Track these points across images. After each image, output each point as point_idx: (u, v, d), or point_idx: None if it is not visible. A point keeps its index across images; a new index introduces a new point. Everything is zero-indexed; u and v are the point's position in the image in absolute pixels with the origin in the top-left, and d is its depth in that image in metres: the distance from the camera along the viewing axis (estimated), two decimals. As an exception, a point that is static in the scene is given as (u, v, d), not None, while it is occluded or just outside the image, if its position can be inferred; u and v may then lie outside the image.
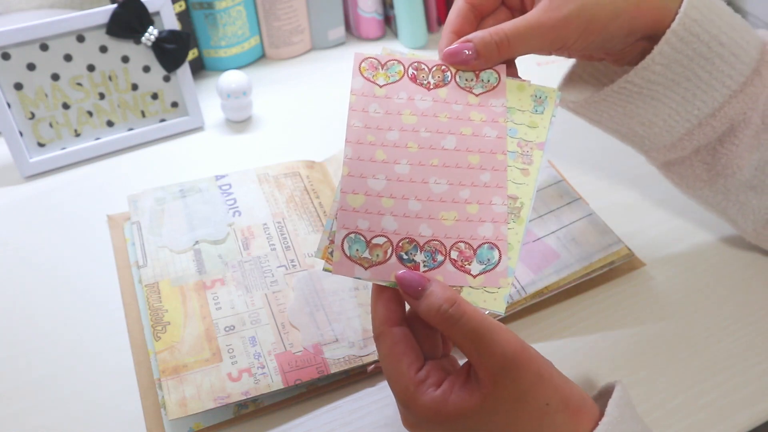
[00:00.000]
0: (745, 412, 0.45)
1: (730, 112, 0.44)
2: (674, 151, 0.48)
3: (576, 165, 0.65)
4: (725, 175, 0.47)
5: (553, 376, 0.34)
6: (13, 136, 0.64)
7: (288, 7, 0.81)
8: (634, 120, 0.47)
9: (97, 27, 0.65)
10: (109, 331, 0.51)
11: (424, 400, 0.34)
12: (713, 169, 0.47)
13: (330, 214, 0.37)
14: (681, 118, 0.45)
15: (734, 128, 0.45)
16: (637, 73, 0.43)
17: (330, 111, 0.73)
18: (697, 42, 0.42)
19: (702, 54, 0.42)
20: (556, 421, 0.34)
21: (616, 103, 0.46)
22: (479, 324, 0.33)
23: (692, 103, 0.44)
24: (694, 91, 0.44)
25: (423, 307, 0.35)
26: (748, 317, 0.51)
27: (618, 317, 0.51)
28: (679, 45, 0.41)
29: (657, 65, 0.42)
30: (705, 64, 0.43)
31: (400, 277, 0.35)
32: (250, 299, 0.50)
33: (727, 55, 0.43)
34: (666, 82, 0.43)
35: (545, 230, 0.53)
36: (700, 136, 0.46)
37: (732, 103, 0.44)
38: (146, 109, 0.70)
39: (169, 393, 0.44)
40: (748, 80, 0.44)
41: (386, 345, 0.36)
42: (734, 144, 0.46)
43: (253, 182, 0.60)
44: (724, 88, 0.44)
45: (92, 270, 0.56)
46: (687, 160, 0.48)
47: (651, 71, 0.43)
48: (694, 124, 0.45)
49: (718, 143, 0.46)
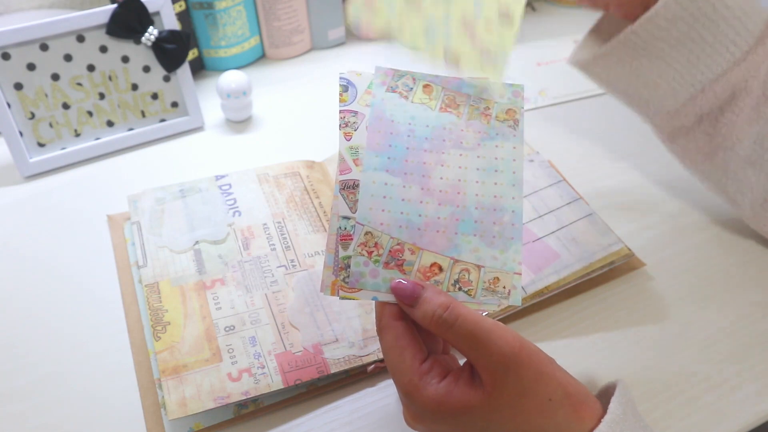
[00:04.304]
0: (745, 412, 0.45)
1: (732, 79, 0.45)
2: (678, 118, 0.48)
3: (576, 165, 0.65)
4: (725, 147, 0.48)
5: (555, 372, 0.35)
6: (13, 136, 0.64)
7: (288, 7, 0.81)
8: (639, 80, 0.48)
9: (97, 27, 0.65)
10: (109, 331, 0.51)
11: (428, 392, 0.34)
12: (714, 140, 0.48)
13: (329, 248, 0.37)
14: (685, 82, 0.46)
15: (735, 96, 0.46)
16: (641, 24, 0.44)
17: (330, 111, 0.73)
18: (703, 0, 0.42)
19: (707, 14, 0.43)
20: (559, 416, 0.34)
21: (623, 59, 0.47)
22: (475, 326, 0.34)
23: (696, 66, 0.45)
24: (698, 53, 0.44)
25: (419, 314, 0.35)
26: (748, 317, 0.51)
27: (618, 317, 0.51)
28: (684, 1, 0.42)
29: (661, 19, 0.43)
30: (710, 25, 0.43)
31: (394, 286, 0.36)
32: (250, 299, 0.50)
33: (732, 19, 0.43)
34: (670, 40, 0.44)
35: (545, 230, 0.53)
36: (703, 102, 0.46)
37: (734, 71, 0.45)
38: (146, 109, 0.70)
39: (169, 393, 0.44)
40: (752, 49, 0.44)
41: (390, 337, 0.36)
42: (735, 114, 0.46)
43: (253, 182, 0.60)
44: (728, 53, 0.44)
45: (92, 270, 0.56)
46: (690, 132, 0.49)
47: (655, 24, 0.43)
48: (697, 89, 0.46)
49: (719, 112, 0.47)
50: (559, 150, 0.66)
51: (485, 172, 0.39)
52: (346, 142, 0.39)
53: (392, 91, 0.40)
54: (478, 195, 0.39)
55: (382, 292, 0.37)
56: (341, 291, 0.37)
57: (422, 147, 0.39)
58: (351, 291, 0.37)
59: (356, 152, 0.38)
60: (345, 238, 0.37)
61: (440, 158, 0.39)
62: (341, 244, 0.37)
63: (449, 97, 0.41)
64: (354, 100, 0.40)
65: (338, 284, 0.37)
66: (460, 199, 0.38)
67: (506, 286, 0.38)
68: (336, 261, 0.37)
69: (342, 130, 0.39)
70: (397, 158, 0.38)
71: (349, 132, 0.39)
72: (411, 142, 0.39)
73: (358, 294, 0.37)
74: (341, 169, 0.38)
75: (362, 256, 0.37)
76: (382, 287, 0.37)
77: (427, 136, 0.39)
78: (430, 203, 0.38)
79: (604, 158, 0.66)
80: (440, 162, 0.39)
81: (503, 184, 0.39)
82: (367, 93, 0.40)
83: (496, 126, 0.40)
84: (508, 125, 0.40)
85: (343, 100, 0.40)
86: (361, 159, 0.38)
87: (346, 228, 0.37)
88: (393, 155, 0.38)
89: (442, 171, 0.39)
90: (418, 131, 0.39)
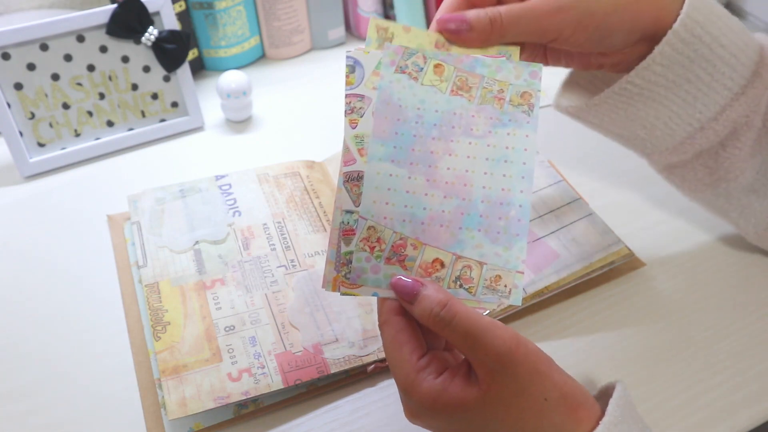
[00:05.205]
0: (745, 412, 0.45)
1: (733, 115, 0.44)
2: (676, 155, 0.47)
3: (576, 165, 0.65)
4: (727, 179, 0.47)
5: (552, 372, 0.34)
6: (13, 136, 0.64)
7: (288, 7, 0.81)
8: (635, 123, 0.46)
9: (97, 27, 0.65)
10: (109, 331, 0.51)
11: (424, 387, 0.35)
12: (715, 173, 0.47)
13: (331, 243, 0.37)
14: (682, 121, 0.45)
15: (737, 132, 0.45)
16: (638, 73, 0.43)
17: (330, 111, 0.73)
18: (699, 43, 0.41)
19: (703, 55, 0.42)
20: (555, 416, 0.34)
21: (617, 106, 0.46)
22: (472, 324, 0.34)
23: (693, 105, 0.44)
24: (695, 93, 0.43)
25: (417, 311, 0.35)
26: (748, 317, 0.51)
27: (618, 317, 0.51)
28: (680, 46, 0.41)
29: (657, 65, 0.42)
30: (706, 65, 0.42)
31: (394, 283, 0.36)
32: (250, 299, 0.50)
33: (728, 56, 0.42)
34: (667, 84, 0.43)
35: (545, 230, 0.53)
36: (703, 140, 0.45)
37: (734, 106, 0.44)
38: (146, 109, 0.70)
39: (169, 393, 0.44)
40: (749, 83, 0.44)
41: (390, 332, 0.36)
42: (737, 148, 0.45)
43: (253, 182, 0.60)
44: (725, 90, 0.43)
45: (92, 270, 0.56)
46: (689, 164, 0.48)
47: (651, 71, 0.42)
48: (696, 128, 0.45)
49: (720, 147, 0.46)
50: (559, 150, 0.66)
51: (494, 163, 0.38)
52: (352, 130, 0.37)
53: (401, 71, 0.38)
54: (486, 187, 0.38)
55: (383, 288, 0.37)
56: (342, 287, 0.37)
57: (430, 135, 0.38)
58: (352, 287, 0.37)
59: (362, 141, 0.37)
60: (348, 233, 0.37)
61: (448, 147, 0.38)
62: (344, 239, 0.37)
63: (461, 78, 0.39)
64: (361, 83, 0.38)
65: (339, 280, 0.37)
66: (467, 192, 0.37)
67: (507, 284, 0.38)
68: (338, 256, 0.37)
69: (347, 116, 0.37)
70: (403, 147, 0.37)
71: (355, 119, 0.37)
72: (419, 129, 0.38)
73: (359, 290, 0.37)
74: (345, 160, 0.37)
75: (364, 251, 0.37)
76: (383, 283, 0.37)
77: (436, 123, 0.38)
78: (435, 196, 0.37)
79: (604, 158, 0.66)
80: (448, 151, 0.38)
81: (512, 177, 0.38)
82: (375, 74, 0.38)
83: (509, 111, 0.38)
84: (522, 110, 0.38)
85: (350, 83, 0.38)
86: (367, 148, 0.37)
87: (349, 222, 0.37)
88: (399, 144, 0.37)
89: (449, 161, 0.38)
90: (427, 117, 0.38)
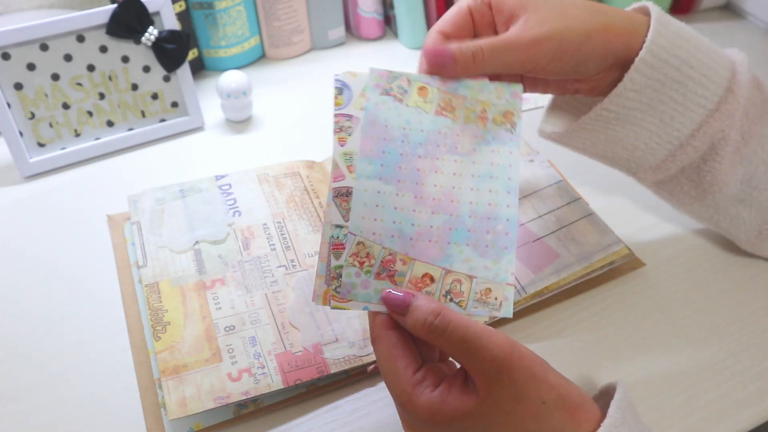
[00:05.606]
0: (745, 412, 0.45)
1: (709, 131, 0.45)
2: (660, 172, 0.49)
3: (576, 165, 0.65)
4: (712, 191, 0.48)
5: (548, 375, 0.34)
6: (13, 136, 0.64)
7: (288, 7, 0.81)
8: (617, 145, 0.48)
9: (97, 27, 0.65)
10: (109, 331, 0.51)
11: (421, 401, 0.34)
12: (700, 186, 0.48)
13: (322, 257, 0.37)
14: (662, 140, 0.46)
15: (715, 147, 0.46)
16: (611, 100, 0.44)
17: (330, 111, 0.73)
18: (667, 67, 0.42)
19: (673, 78, 0.43)
20: (554, 419, 0.34)
21: (597, 130, 0.47)
22: (466, 331, 0.34)
23: (671, 125, 0.45)
24: (671, 113, 0.45)
25: (410, 323, 0.35)
26: (748, 317, 0.51)
27: (618, 317, 0.51)
28: (650, 72, 0.42)
29: (630, 91, 0.43)
30: (678, 87, 0.43)
31: (385, 296, 0.36)
32: (250, 299, 0.50)
33: (699, 76, 0.43)
34: (642, 107, 0.44)
35: (545, 230, 0.53)
36: (683, 157, 0.47)
37: (710, 123, 0.45)
38: (146, 109, 0.70)
39: (169, 393, 0.44)
40: (722, 99, 0.44)
41: (384, 347, 0.36)
42: (717, 161, 0.46)
43: (253, 182, 0.60)
44: (699, 108, 0.44)
45: (92, 270, 0.56)
46: (674, 179, 0.49)
47: (625, 97, 0.44)
48: (675, 146, 0.46)
49: (701, 162, 0.47)
50: (559, 150, 0.66)
51: (480, 179, 0.39)
52: (341, 147, 0.38)
53: (387, 93, 0.39)
54: (472, 203, 0.38)
55: (374, 303, 0.37)
56: (332, 301, 0.37)
57: (416, 153, 0.38)
58: (342, 301, 0.37)
59: (350, 158, 0.38)
60: (337, 247, 0.37)
61: (434, 164, 0.38)
62: (333, 253, 0.37)
63: (445, 99, 0.40)
64: (349, 104, 0.39)
65: (330, 294, 0.37)
66: (454, 208, 0.38)
67: (498, 297, 0.38)
68: (328, 270, 0.37)
69: (336, 135, 0.38)
70: (390, 165, 0.38)
71: (344, 137, 0.38)
72: (405, 148, 0.38)
73: (350, 304, 0.37)
74: (335, 176, 0.38)
75: (354, 266, 0.37)
76: (374, 298, 0.37)
77: (422, 142, 0.39)
78: (423, 212, 0.38)
79: (604, 158, 0.66)
80: (434, 168, 0.38)
81: (498, 191, 0.39)
82: (362, 96, 0.39)
83: (492, 130, 0.40)
84: (505, 129, 0.40)
85: (338, 104, 0.39)
86: (355, 166, 0.38)
87: (339, 237, 0.37)
88: (386, 162, 0.38)
89: (436, 178, 0.38)
90: (413, 136, 0.39)
